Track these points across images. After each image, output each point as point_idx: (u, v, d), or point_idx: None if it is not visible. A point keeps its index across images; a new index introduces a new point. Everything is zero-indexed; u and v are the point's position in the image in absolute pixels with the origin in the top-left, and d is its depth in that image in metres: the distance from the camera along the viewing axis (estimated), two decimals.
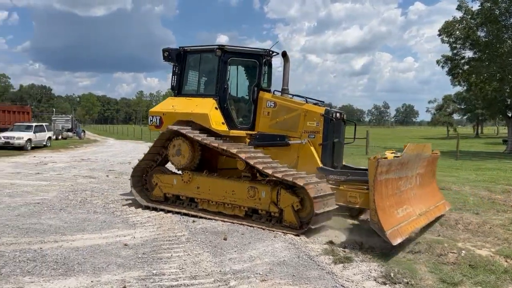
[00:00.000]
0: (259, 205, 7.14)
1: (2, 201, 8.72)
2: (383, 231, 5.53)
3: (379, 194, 5.79)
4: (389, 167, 6.03)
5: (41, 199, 9.01)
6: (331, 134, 7.96)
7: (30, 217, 7.31)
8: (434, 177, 8.59)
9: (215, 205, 7.69)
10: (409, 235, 6.13)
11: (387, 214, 5.89)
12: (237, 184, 7.46)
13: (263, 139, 8.34)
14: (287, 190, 6.85)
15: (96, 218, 7.39)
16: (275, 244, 6.00)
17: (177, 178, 8.24)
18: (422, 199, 7.34)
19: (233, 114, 8.52)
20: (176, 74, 9.00)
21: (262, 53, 8.48)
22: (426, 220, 6.93)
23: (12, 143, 23.78)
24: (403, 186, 6.68)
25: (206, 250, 5.63)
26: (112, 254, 5.41)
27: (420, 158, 7.29)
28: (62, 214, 7.60)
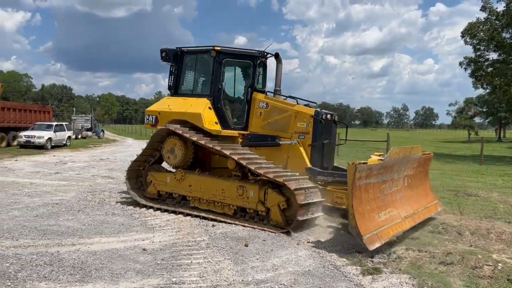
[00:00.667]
0: (247, 204, 7.28)
1: (21, 201, 8.67)
2: (361, 236, 5.59)
3: (358, 199, 5.83)
4: (370, 172, 6.05)
5: (60, 199, 8.94)
6: (320, 135, 8.06)
7: (48, 218, 7.21)
8: (426, 178, 8.51)
9: (205, 203, 7.85)
10: (390, 238, 6.11)
11: (366, 218, 5.93)
12: (227, 183, 7.63)
13: (255, 139, 8.45)
14: (274, 190, 6.99)
15: (114, 220, 7.25)
16: (299, 252, 5.75)
17: (170, 176, 8.41)
18: (410, 201, 7.37)
19: (227, 114, 8.62)
20: (173, 74, 9.14)
21: (256, 54, 8.59)
22: (412, 223, 6.92)
23: (33, 142, 24.07)
24: (387, 189, 6.72)
25: (227, 257, 5.41)
26: (130, 260, 5.23)
27: (408, 160, 7.28)
28: (80, 216, 7.49)
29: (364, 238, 5.60)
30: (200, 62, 9.11)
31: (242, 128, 8.61)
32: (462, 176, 15.47)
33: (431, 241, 6.51)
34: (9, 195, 9.25)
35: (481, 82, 36.29)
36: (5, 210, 7.77)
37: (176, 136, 8.21)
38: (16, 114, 26.41)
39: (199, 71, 9.19)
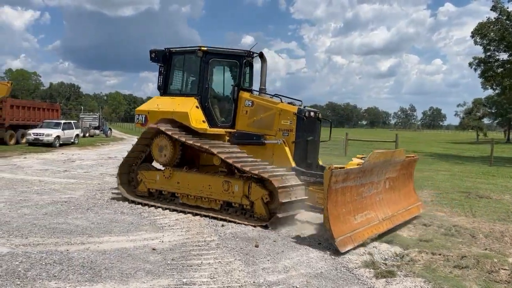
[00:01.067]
0: (232, 199, 7.53)
1: (31, 198, 8.67)
2: (333, 238, 5.72)
3: (333, 202, 5.94)
4: (347, 176, 6.16)
5: (69, 197, 8.92)
6: (303, 132, 8.24)
7: (57, 216, 7.19)
8: (410, 180, 8.60)
9: (193, 199, 8.05)
10: (365, 240, 6.17)
11: (341, 221, 6.05)
12: (213, 178, 7.85)
13: (241, 137, 8.63)
14: (257, 184, 7.20)
15: (123, 219, 7.21)
16: (310, 253, 5.66)
17: (160, 174, 8.62)
18: (390, 203, 7.47)
19: (214, 113, 8.77)
20: (162, 74, 9.32)
21: (242, 54, 8.74)
22: (390, 225, 7.01)
23: (41, 139, 24.18)
24: (366, 192, 6.82)
25: (238, 258, 5.34)
26: (140, 259, 5.18)
27: (390, 163, 7.36)
28: (89, 214, 7.46)
29: (337, 241, 5.72)
30: (187, 62, 9.28)
31: (229, 126, 8.77)
32: (472, 177, 15.28)
33: (445, 243, 6.40)
34: (18, 193, 9.25)
35: (490, 83, 35.93)
36: (15, 207, 7.76)
37: (164, 135, 8.37)
38: (25, 112, 26.54)
39: (187, 71, 9.37)
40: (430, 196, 10.68)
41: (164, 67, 9.30)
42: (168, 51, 9.19)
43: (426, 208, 9.04)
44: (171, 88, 9.38)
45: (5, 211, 7.46)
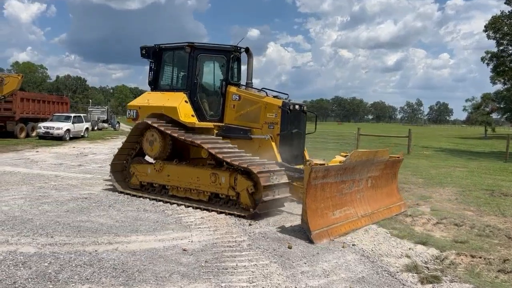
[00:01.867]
0: (219, 190, 7.74)
1: (50, 194, 8.51)
2: (310, 231, 5.95)
3: (312, 197, 6.15)
4: (327, 173, 6.34)
5: (88, 193, 8.75)
6: (287, 125, 8.48)
7: (80, 214, 7.01)
8: (393, 179, 8.67)
9: (183, 191, 8.29)
10: (342, 235, 6.36)
11: (319, 215, 6.25)
12: (201, 171, 8.05)
13: (229, 131, 8.89)
14: (242, 176, 7.39)
15: (147, 217, 7.02)
16: (346, 256, 5.44)
17: (151, 167, 8.86)
18: (371, 200, 7.62)
19: (203, 107, 9.03)
20: (153, 70, 9.55)
21: (229, 49, 8.95)
22: (369, 222, 7.16)
23: (52, 133, 24.11)
24: (346, 189, 7.00)
25: (273, 261, 5.13)
26: (173, 261, 4.99)
27: (372, 162, 7.50)
28: (112, 212, 7.28)
29: (313, 234, 5.95)
30: (177, 58, 9.49)
31: (218, 120, 9.03)
32: (491, 174, 14.97)
33: (482, 245, 6.16)
34: (36, 188, 9.09)
35: (503, 77, 35.39)
36: (35, 204, 7.59)
37: (154, 129, 8.58)
38: (34, 105, 26.50)
39: (176, 67, 9.58)
40: (454, 194, 10.43)
41: (154, 63, 9.50)
42: (158, 47, 9.38)
43: (452, 207, 8.83)
44: (162, 83, 9.61)
45: (26, 207, 7.30)
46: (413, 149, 25.19)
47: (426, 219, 7.70)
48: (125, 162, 9.46)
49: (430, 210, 8.45)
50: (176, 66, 9.59)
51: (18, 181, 9.98)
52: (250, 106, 8.74)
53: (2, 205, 7.41)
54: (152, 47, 9.42)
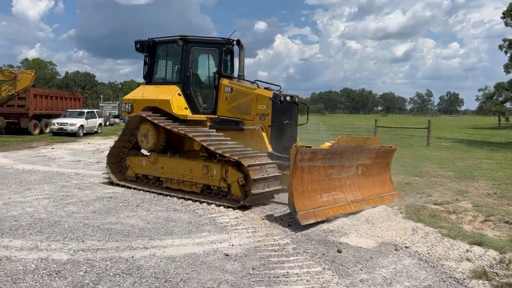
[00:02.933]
0: (211, 182, 7.85)
1: (73, 194, 8.16)
2: (295, 211, 6.09)
3: (298, 178, 6.26)
4: (313, 156, 6.46)
5: (112, 192, 8.39)
6: (279, 116, 8.55)
7: (108, 215, 6.65)
8: (386, 169, 8.65)
9: (176, 183, 8.41)
10: (328, 217, 6.55)
11: (306, 197, 6.38)
12: (194, 163, 8.16)
13: (221, 123, 8.99)
14: (233, 167, 7.50)
15: (179, 217, 6.64)
16: (403, 260, 5.00)
17: (145, 160, 9.00)
18: (362, 187, 7.70)
19: (196, 100, 9.13)
20: (147, 64, 9.67)
21: (222, 41, 9.01)
22: (358, 207, 7.26)
23: (65, 129, 23.89)
24: (335, 174, 7.12)
25: (326, 267, 4.70)
26: (217, 268, 4.59)
27: (362, 149, 7.58)
28: (141, 212, 6.91)
29: (298, 214, 6.08)
30: (170, 52, 9.59)
31: (211, 113, 9.12)
32: None
33: None
34: (58, 187, 8.76)
35: None
36: (60, 205, 7.24)
37: (148, 122, 8.68)
38: (47, 101, 26.27)
39: (170, 60, 9.69)
40: (490, 188, 9.92)
41: (148, 57, 9.62)
42: (152, 41, 9.49)
43: (494, 202, 8.35)
44: (156, 77, 9.71)
45: (51, 208, 6.95)
46: (433, 141, 24.60)
47: (472, 216, 7.23)
48: (121, 155, 9.59)
49: (472, 206, 7.97)
50: (170, 60, 9.70)
51: (39, 179, 9.66)
52: (242, 98, 8.81)
53: (26, 206, 7.08)
54: (146, 41, 9.50)
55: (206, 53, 9.63)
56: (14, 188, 8.60)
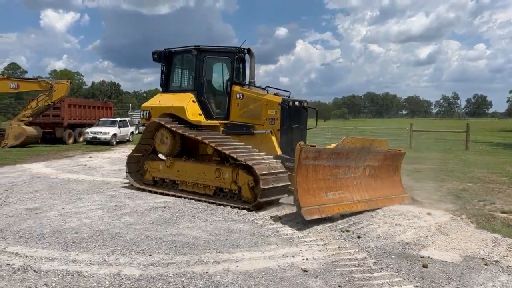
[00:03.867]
0: (223, 184, 8.18)
1: (125, 204, 8.01)
2: (300, 207, 6.36)
3: (303, 176, 6.55)
4: (318, 155, 6.78)
5: (164, 202, 8.20)
6: (288, 120, 8.91)
7: (167, 226, 6.43)
8: (396, 172, 8.82)
9: (191, 186, 8.78)
10: (334, 214, 6.79)
11: (311, 194, 6.65)
12: (207, 166, 8.52)
13: (233, 128, 9.38)
14: (243, 170, 7.77)
15: (239, 228, 6.36)
16: (499, 277, 4.56)
17: (162, 164, 9.42)
18: (369, 188, 7.88)
19: (210, 106, 9.54)
20: (164, 73, 10.13)
21: (233, 50, 9.41)
22: (366, 207, 7.46)
23: (99, 138, 24.13)
24: (341, 174, 7.38)
25: (417, 285, 4.31)
26: (300, 285, 4.28)
27: (369, 151, 7.85)
28: (199, 222, 6.67)
29: (303, 210, 6.33)
30: (185, 61, 10.05)
31: (224, 118, 9.52)
32: None
33: None
34: (108, 197, 8.63)
35: None
36: (116, 215, 7.08)
37: (164, 128, 9.11)
38: (81, 111, 26.66)
39: (185, 69, 10.15)
40: None
41: (165, 66, 10.08)
42: (168, 51, 9.97)
43: None
44: (172, 85, 10.18)
45: (108, 219, 6.79)
46: (472, 145, 23.80)
47: None
48: (140, 159, 10.02)
49: None
50: (185, 69, 10.16)
51: (86, 189, 9.58)
52: (253, 104, 9.19)
53: (82, 217, 6.95)
54: (163, 52, 9.95)
55: (219, 62, 10.09)
56: (65, 198, 8.53)
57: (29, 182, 10.49)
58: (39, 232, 6.02)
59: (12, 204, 7.94)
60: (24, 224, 6.45)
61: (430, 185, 10.55)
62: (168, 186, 9.26)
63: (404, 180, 11.32)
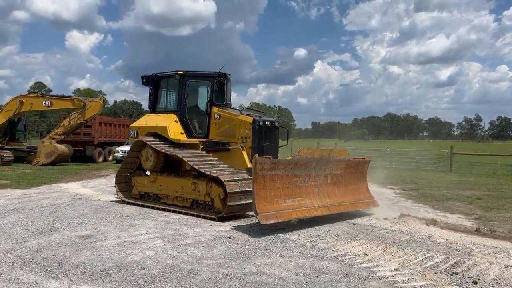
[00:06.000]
0: (198, 197, 8.87)
1: (184, 232, 7.26)
2: (257, 213, 7.01)
3: (260, 185, 7.16)
4: (274, 165, 7.40)
5: (224, 230, 7.42)
6: (259, 139, 9.72)
7: (242, 262, 5.64)
8: (361, 179, 9.56)
9: (171, 199, 9.48)
10: (292, 219, 7.39)
11: (268, 201, 7.25)
12: (185, 181, 9.26)
13: (211, 145, 10.24)
14: (215, 183, 8.43)
15: (325, 266, 5.51)
16: None
17: (147, 179, 10.18)
18: (331, 195, 8.54)
19: (191, 126, 10.44)
20: (151, 95, 11.08)
21: (213, 75, 10.38)
22: (326, 212, 8.18)
23: None
24: (301, 182, 7.98)
25: None
26: None
27: (329, 161, 8.51)
28: (276, 258, 5.85)
29: (259, 215, 6.99)
30: (170, 84, 11.01)
31: (204, 137, 10.40)
32: None
33: None
34: (162, 224, 7.92)
35: None
36: (179, 246, 6.33)
37: (148, 146, 9.80)
38: (111, 129, 26.43)
39: (170, 91, 11.09)
40: None
41: (153, 89, 11.01)
42: (155, 75, 10.93)
43: None
44: (159, 106, 11.13)
45: (172, 252, 6.04)
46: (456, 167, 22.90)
47: None
48: (128, 175, 10.72)
49: None
50: (170, 91, 11.07)
51: (135, 213, 8.91)
52: (228, 124, 10.08)
53: (143, 248, 6.22)
54: (151, 76, 10.91)
55: (200, 85, 11.03)
56: (116, 224, 7.85)
57: (72, 205, 9.88)
58: (102, 267, 5.30)
59: (62, 230, 7.29)
60: (82, 256, 5.75)
61: (506, 215, 9.59)
62: (152, 200, 9.95)
63: (473, 209, 10.42)
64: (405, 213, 9.13)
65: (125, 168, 10.80)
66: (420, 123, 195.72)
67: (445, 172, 22.50)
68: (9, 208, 9.33)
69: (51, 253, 5.88)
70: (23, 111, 22.52)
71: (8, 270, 5.13)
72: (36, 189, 12.83)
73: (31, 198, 10.83)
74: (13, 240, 6.55)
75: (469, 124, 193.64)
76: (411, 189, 14.47)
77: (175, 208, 9.03)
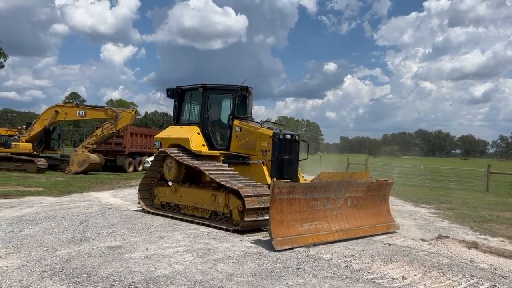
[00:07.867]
0: (217, 208, 8.96)
1: (213, 246, 7.09)
2: (272, 238, 6.89)
3: (277, 209, 7.02)
4: (292, 189, 7.24)
5: (254, 246, 7.18)
6: (279, 152, 9.71)
7: (274, 281, 5.40)
8: (383, 201, 9.27)
9: (191, 209, 9.60)
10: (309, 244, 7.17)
11: (284, 226, 7.10)
12: (204, 192, 9.38)
13: (232, 158, 10.28)
14: (234, 195, 8.46)
15: None
16: None
17: (168, 189, 10.34)
18: (350, 218, 8.31)
19: (213, 138, 10.60)
20: (175, 108, 11.38)
21: (235, 88, 10.40)
22: (344, 236, 7.89)
23: None
24: (319, 206, 7.79)
25: None
26: None
27: (350, 183, 8.24)
28: (310, 278, 5.57)
29: (274, 240, 6.85)
30: (193, 97, 11.16)
31: (225, 149, 10.46)
32: None
33: None
34: (191, 237, 7.77)
35: None
36: (208, 261, 6.13)
37: (170, 157, 9.98)
38: (142, 140, 26.75)
39: (193, 104, 11.27)
40: None
41: (177, 102, 11.31)
42: (180, 88, 11.22)
43: None
44: (182, 118, 11.37)
45: (201, 267, 5.86)
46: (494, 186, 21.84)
47: None
48: (151, 185, 10.90)
49: None
50: (193, 104, 11.24)
51: (164, 225, 8.84)
52: (249, 136, 10.12)
53: (171, 261, 6.09)
54: (176, 89, 11.19)
55: (222, 98, 11.13)
56: (145, 236, 7.77)
57: (102, 214, 9.92)
58: (130, 280, 5.19)
59: (92, 240, 7.27)
60: (111, 268, 5.66)
61: None
62: (173, 210, 10.07)
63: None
64: (443, 235, 8.69)
65: (148, 178, 11.00)
66: (453, 140, 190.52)
67: (482, 192, 21.60)
68: (41, 215, 9.44)
69: (80, 263, 5.83)
70: (58, 120, 23.15)
71: (38, 280, 5.09)
72: (67, 197, 13.02)
73: (62, 206, 10.96)
74: (44, 249, 6.56)
75: (505, 142, 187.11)
76: (447, 209, 13.87)
77: (195, 220, 9.11)
